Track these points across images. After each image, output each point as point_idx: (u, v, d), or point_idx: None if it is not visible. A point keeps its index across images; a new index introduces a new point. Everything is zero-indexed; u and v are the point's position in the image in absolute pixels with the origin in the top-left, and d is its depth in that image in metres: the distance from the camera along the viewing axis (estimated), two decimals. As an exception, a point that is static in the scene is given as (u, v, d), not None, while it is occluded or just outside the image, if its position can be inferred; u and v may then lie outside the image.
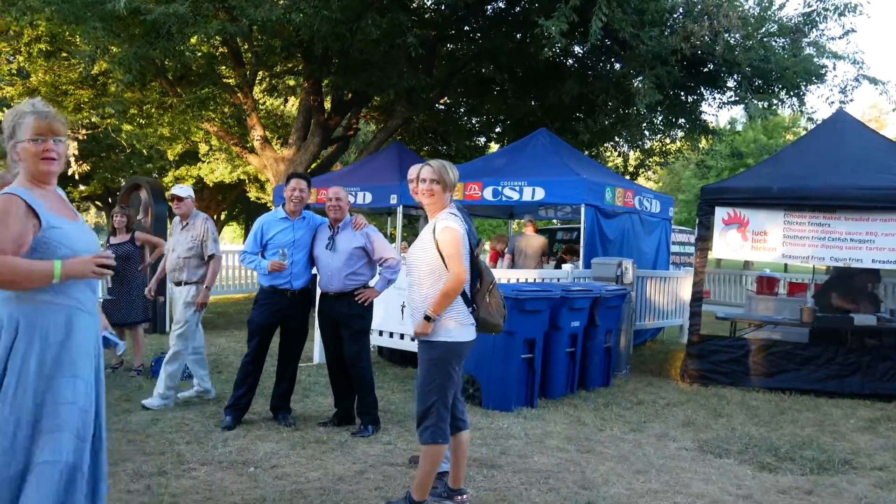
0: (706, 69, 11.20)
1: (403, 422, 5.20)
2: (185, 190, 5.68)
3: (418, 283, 3.44)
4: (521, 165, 9.44)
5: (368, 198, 10.60)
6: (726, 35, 9.39)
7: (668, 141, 13.20)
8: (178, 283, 5.51)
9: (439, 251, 3.35)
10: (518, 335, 5.64)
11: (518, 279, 7.30)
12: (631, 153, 14.26)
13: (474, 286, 3.50)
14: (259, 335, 4.96)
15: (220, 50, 13.81)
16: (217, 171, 23.66)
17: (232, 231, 45.47)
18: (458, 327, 3.39)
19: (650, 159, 14.86)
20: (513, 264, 9.68)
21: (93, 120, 17.79)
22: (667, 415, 5.81)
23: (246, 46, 12.71)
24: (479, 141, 19.49)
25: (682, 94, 11.29)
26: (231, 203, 31.79)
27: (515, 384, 5.71)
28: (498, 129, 17.99)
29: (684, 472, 4.31)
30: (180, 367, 5.43)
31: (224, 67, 13.75)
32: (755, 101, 10.03)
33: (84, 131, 17.89)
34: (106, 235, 8.12)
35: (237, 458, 4.22)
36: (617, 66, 11.64)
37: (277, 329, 5.06)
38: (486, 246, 14.49)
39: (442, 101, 16.32)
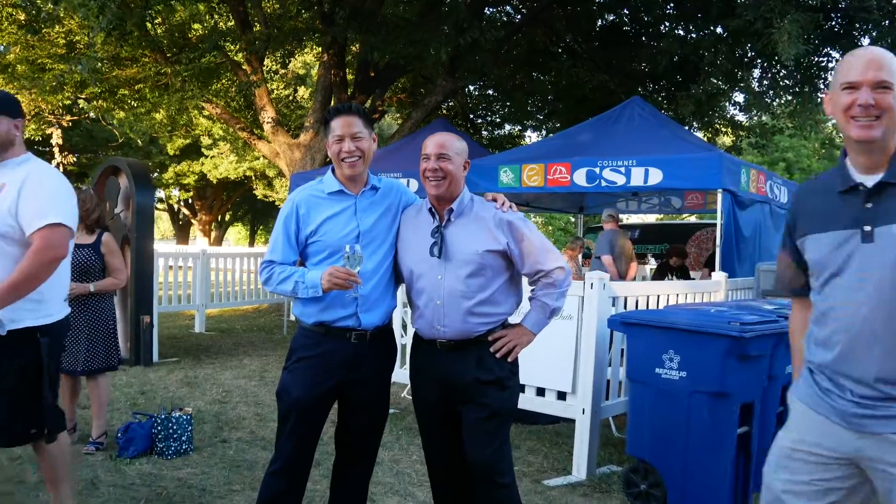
0: (832, 23, 8.94)
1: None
2: None
3: None
4: (619, 141, 7.22)
5: (413, 186, 8.31)
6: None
7: (794, 105, 10.60)
8: None
9: None
10: (734, 398, 3.31)
11: (659, 296, 4.97)
12: (726, 132, 11.88)
13: None
14: (299, 417, 2.50)
15: (224, 20, 11.64)
16: (221, 166, 21.52)
17: (237, 233, 43.57)
18: None
19: (748, 139, 12.33)
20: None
21: (79, 104, 15.63)
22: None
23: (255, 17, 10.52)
24: (514, 129, 17.29)
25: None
26: (236, 203, 29.79)
27: (727, 477, 3.40)
28: (539, 116, 15.76)
29: None
30: None
31: (228, 40, 11.54)
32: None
33: (69, 117, 15.69)
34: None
35: None
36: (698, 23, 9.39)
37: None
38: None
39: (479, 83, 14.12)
